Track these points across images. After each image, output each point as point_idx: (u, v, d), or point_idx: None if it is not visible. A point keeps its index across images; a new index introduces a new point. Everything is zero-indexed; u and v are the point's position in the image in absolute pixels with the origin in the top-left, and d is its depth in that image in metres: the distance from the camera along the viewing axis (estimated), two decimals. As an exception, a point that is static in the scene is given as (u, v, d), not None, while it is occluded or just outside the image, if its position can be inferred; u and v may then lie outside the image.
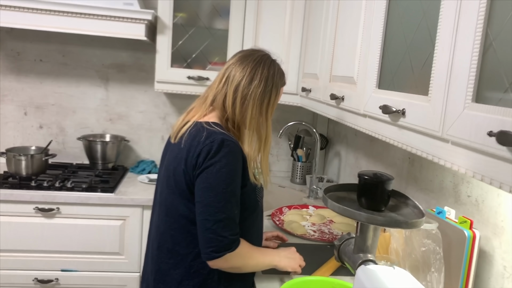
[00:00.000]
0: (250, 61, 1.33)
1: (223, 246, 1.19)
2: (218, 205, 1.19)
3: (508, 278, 1.16)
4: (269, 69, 1.33)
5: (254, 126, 1.31)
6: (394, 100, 1.12)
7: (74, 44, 2.58)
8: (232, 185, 1.21)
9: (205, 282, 1.28)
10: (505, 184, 0.74)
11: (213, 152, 1.20)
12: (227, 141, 1.22)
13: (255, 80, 1.30)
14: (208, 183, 1.20)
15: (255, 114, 1.30)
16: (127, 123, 2.71)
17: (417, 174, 1.66)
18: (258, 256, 1.31)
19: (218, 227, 1.18)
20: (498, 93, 0.77)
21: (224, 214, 1.19)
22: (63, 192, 2.14)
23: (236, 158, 1.23)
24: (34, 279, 2.15)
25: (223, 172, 1.20)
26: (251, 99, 1.30)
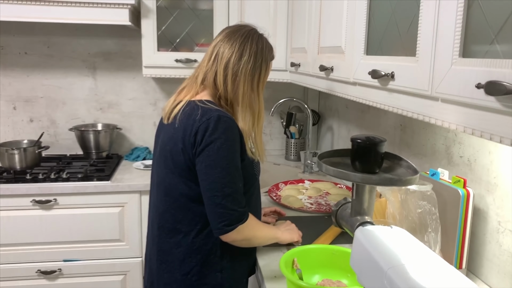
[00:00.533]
0: (238, 36, 1.33)
1: (234, 219, 1.21)
2: (224, 180, 1.20)
3: (503, 232, 1.19)
4: (257, 43, 1.33)
5: (247, 102, 1.31)
6: (382, 64, 1.12)
7: (58, 34, 2.55)
8: (234, 160, 1.23)
9: (208, 258, 1.30)
10: (495, 135, 0.75)
11: (211, 129, 1.21)
12: (223, 117, 1.23)
13: (245, 55, 1.30)
14: (211, 161, 1.21)
15: (247, 90, 1.31)
16: (118, 111, 2.70)
17: (409, 140, 1.67)
18: (264, 229, 1.34)
19: (227, 202, 1.20)
20: (484, 45, 0.78)
21: (231, 188, 1.21)
22: (59, 183, 2.14)
23: (234, 133, 1.24)
24: (37, 271, 2.16)
25: (224, 148, 1.21)
26: (242, 75, 1.30)
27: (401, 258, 0.76)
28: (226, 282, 1.31)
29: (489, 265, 1.24)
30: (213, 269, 1.30)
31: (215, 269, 1.30)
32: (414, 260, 0.76)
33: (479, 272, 1.28)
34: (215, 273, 1.31)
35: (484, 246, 1.26)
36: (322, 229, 1.57)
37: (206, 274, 1.30)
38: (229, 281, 1.32)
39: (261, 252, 1.45)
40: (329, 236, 1.49)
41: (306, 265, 1.24)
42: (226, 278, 1.32)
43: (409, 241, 0.84)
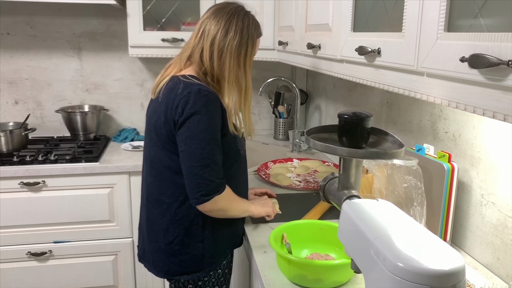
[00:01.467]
0: (224, 13, 1.34)
1: (211, 189, 1.24)
2: (202, 151, 1.23)
3: (486, 205, 1.22)
4: (243, 20, 1.34)
5: (233, 78, 1.33)
6: (369, 40, 1.13)
7: (41, 14, 2.50)
8: (213, 133, 1.25)
9: (190, 229, 1.34)
10: (479, 107, 0.77)
11: (192, 102, 1.23)
12: (204, 91, 1.25)
13: (230, 32, 1.31)
14: (191, 132, 1.23)
15: (233, 66, 1.32)
16: (105, 92, 2.67)
17: (395, 117, 1.69)
18: (239, 202, 1.37)
19: (205, 172, 1.23)
20: (468, 20, 0.79)
21: (209, 159, 1.24)
22: (47, 165, 2.13)
23: (215, 107, 1.26)
24: (27, 253, 2.17)
25: (204, 121, 1.23)
26: (228, 51, 1.31)
27: (387, 229, 0.79)
28: (208, 253, 1.35)
29: (472, 236, 1.28)
30: (194, 239, 1.34)
31: (197, 240, 1.34)
32: (400, 231, 0.78)
33: (463, 244, 1.32)
34: (196, 243, 1.34)
35: (468, 218, 1.30)
36: (310, 206, 1.59)
37: (188, 244, 1.34)
38: (210, 251, 1.35)
39: (250, 227, 1.47)
40: (318, 211, 1.52)
41: (295, 240, 1.26)
42: (208, 249, 1.35)
43: (395, 213, 0.87)
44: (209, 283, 1.39)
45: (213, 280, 1.40)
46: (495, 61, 0.68)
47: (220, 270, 1.41)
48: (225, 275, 1.44)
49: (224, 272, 1.43)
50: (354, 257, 0.84)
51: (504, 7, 0.71)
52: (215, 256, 1.37)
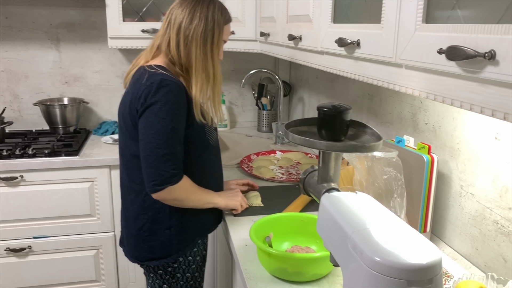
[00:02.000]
0: (190, 1, 1.34)
1: (164, 180, 1.25)
2: (159, 141, 1.24)
3: (465, 196, 1.23)
4: (208, 7, 1.33)
5: (200, 66, 1.32)
6: (349, 32, 1.12)
7: (16, 4, 2.43)
8: (173, 123, 1.25)
9: (157, 216, 1.36)
10: (456, 100, 0.76)
11: (153, 92, 1.24)
12: (166, 80, 1.25)
13: (195, 19, 1.31)
14: (149, 122, 1.25)
15: (199, 54, 1.32)
16: (84, 84, 2.62)
17: (376, 108, 1.69)
18: (200, 193, 1.37)
19: (159, 162, 1.24)
20: (446, 11, 0.78)
21: (165, 150, 1.24)
22: (25, 159, 2.08)
23: (177, 97, 1.27)
24: (6, 249, 2.13)
25: (163, 111, 1.24)
26: (194, 39, 1.31)
27: (365, 223, 0.78)
28: (175, 239, 1.37)
29: (452, 227, 1.29)
30: (162, 226, 1.36)
31: (164, 227, 1.36)
32: (378, 224, 0.78)
33: (443, 235, 1.33)
34: (164, 230, 1.36)
35: (448, 209, 1.31)
36: (293, 198, 1.59)
37: (156, 230, 1.37)
38: (178, 238, 1.37)
39: (232, 220, 1.47)
40: (299, 204, 1.51)
41: (276, 233, 1.26)
42: (175, 236, 1.37)
43: (374, 206, 0.86)
44: (179, 270, 1.41)
45: (184, 267, 1.41)
46: (471, 53, 0.68)
47: (190, 257, 1.42)
48: (197, 262, 1.45)
49: (195, 259, 1.44)
50: (332, 250, 0.84)
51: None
52: (182, 243, 1.38)
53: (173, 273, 1.41)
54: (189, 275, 1.44)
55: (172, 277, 1.42)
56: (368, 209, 0.84)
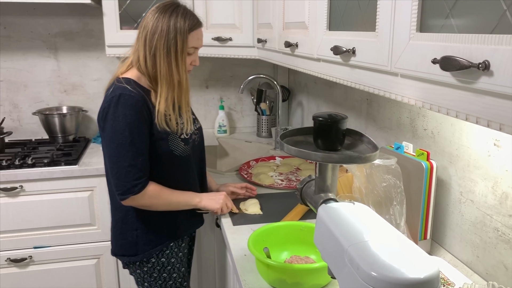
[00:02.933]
0: (155, 13, 1.37)
1: (126, 190, 1.34)
2: (119, 154, 1.32)
3: (465, 203, 1.22)
4: (170, 16, 1.35)
5: (165, 76, 1.36)
6: (344, 40, 1.11)
7: (15, 14, 2.43)
8: (131, 136, 1.32)
9: (125, 217, 1.47)
10: (452, 109, 0.75)
11: (112, 107, 1.31)
12: (124, 95, 1.31)
13: (158, 30, 1.34)
14: (109, 137, 1.33)
15: (163, 64, 1.35)
16: (83, 92, 2.62)
17: (375, 113, 1.68)
18: (170, 197, 1.43)
19: (121, 174, 1.33)
20: (440, 20, 0.77)
21: (126, 162, 1.32)
22: (25, 169, 2.08)
23: (134, 110, 1.32)
24: (6, 259, 2.12)
25: (120, 126, 1.31)
26: (157, 50, 1.35)
27: (362, 235, 0.77)
28: (141, 240, 1.46)
29: (452, 234, 1.28)
30: (129, 227, 1.46)
31: (131, 228, 1.46)
32: (375, 237, 0.77)
33: (443, 242, 1.32)
34: (131, 231, 1.46)
35: (447, 216, 1.29)
36: (292, 205, 1.58)
37: (125, 230, 1.47)
38: (143, 239, 1.46)
39: (230, 229, 1.46)
40: (298, 212, 1.51)
41: (275, 242, 1.25)
42: (141, 237, 1.46)
43: (371, 218, 0.85)
44: (154, 270, 1.49)
45: (159, 268, 1.49)
46: (465, 64, 0.67)
47: (164, 259, 1.49)
48: (172, 264, 1.51)
49: (169, 261, 1.50)
50: (329, 263, 0.83)
51: (474, 8, 0.70)
52: (149, 244, 1.46)
53: (150, 272, 1.49)
54: (166, 275, 1.51)
55: (149, 276, 1.50)
56: (365, 220, 0.83)
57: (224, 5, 2.17)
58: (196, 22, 1.41)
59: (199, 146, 1.58)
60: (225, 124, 2.74)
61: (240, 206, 1.61)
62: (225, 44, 2.23)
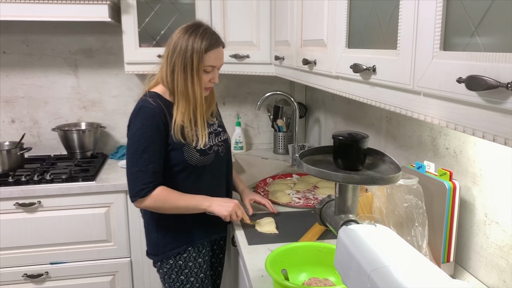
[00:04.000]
0: (178, 32, 1.50)
1: (136, 193, 1.46)
2: (133, 160, 1.46)
3: (490, 224, 1.18)
4: (189, 36, 1.46)
5: (182, 91, 1.47)
6: (364, 58, 1.10)
7: (37, 32, 2.49)
8: (145, 144, 1.44)
9: (149, 220, 1.60)
10: (478, 130, 0.73)
11: (134, 117, 1.47)
12: (144, 107, 1.46)
13: (177, 49, 1.46)
14: (128, 143, 1.48)
15: (180, 80, 1.46)
16: (102, 109, 2.65)
17: (395, 131, 1.65)
18: (178, 201, 1.50)
19: (132, 178, 1.46)
20: (464, 38, 0.75)
21: (137, 167, 1.45)
22: (43, 185, 2.09)
23: (153, 122, 1.45)
24: (23, 275, 2.13)
25: (137, 134, 1.45)
26: (176, 67, 1.46)
27: (385, 260, 0.74)
28: (161, 242, 1.57)
29: (477, 257, 1.23)
30: (152, 229, 1.59)
31: (153, 230, 1.59)
32: (398, 261, 0.74)
33: (467, 265, 1.27)
34: (153, 233, 1.59)
35: (472, 238, 1.25)
36: (309, 224, 1.55)
37: (150, 232, 1.60)
38: (162, 242, 1.57)
39: (246, 249, 1.43)
40: (316, 232, 1.48)
41: (292, 263, 1.22)
42: (161, 239, 1.57)
43: (393, 240, 0.82)
44: (172, 271, 1.58)
45: (176, 270, 1.58)
46: (493, 84, 0.65)
47: (181, 261, 1.57)
48: (190, 267, 1.58)
49: (187, 264, 1.58)
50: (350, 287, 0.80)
51: (501, 26, 0.68)
52: (167, 247, 1.57)
53: (169, 273, 1.59)
54: (183, 278, 1.58)
55: (168, 277, 1.59)
56: (388, 244, 0.81)
57: (242, 22, 2.18)
58: (214, 43, 1.48)
59: (225, 156, 1.65)
60: (242, 140, 2.74)
61: (255, 226, 1.58)
62: (243, 61, 2.24)
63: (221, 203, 1.54)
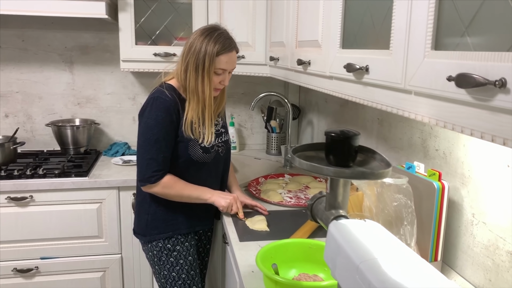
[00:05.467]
0: (195, 33, 1.57)
1: (145, 179, 1.55)
2: (145, 147, 1.53)
3: (477, 225, 1.20)
4: (204, 39, 1.53)
5: (192, 89, 1.55)
6: (357, 58, 1.12)
7: (33, 27, 2.49)
8: (157, 134, 1.52)
9: (142, 202, 1.68)
10: (466, 128, 0.75)
11: (148, 107, 1.54)
12: (160, 98, 1.53)
13: (192, 49, 1.54)
14: (140, 131, 1.55)
15: (192, 79, 1.54)
16: (96, 106, 2.65)
17: (386, 133, 1.68)
18: (183, 190, 1.60)
19: (143, 164, 1.54)
20: (455, 38, 0.77)
21: (149, 155, 1.53)
22: (35, 179, 2.09)
23: (165, 112, 1.52)
24: (13, 269, 2.12)
25: (151, 124, 1.52)
26: (189, 66, 1.54)
27: (374, 252, 0.76)
28: (150, 224, 1.66)
29: (464, 256, 1.26)
30: (144, 211, 1.68)
31: (145, 211, 1.67)
32: (387, 254, 0.76)
33: (454, 264, 1.30)
34: (144, 214, 1.67)
35: (459, 238, 1.27)
36: (300, 223, 1.56)
37: (141, 213, 1.69)
38: (152, 224, 1.66)
39: (237, 245, 1.45)
40: (307, 230, 1.49)
41: (283, 260, 1.23)
42: (150, 221, 1.66)
43: (382, 235, 0.84)
44: (162, 254, 1.66)
45: (166, 252, 1.66)
46: (482, 81, 0.67)
47: (169, 245, 1.65)
48: (178, 251, 1.66)
49: (175, 248, 1.66)
50: (340, 280, 0.82)
51: (491, 26, 0.70)
52: (155, 230, 1.65)
53: (158, 256, 1.67)
54: (173, 260, 1.66)
55: (158, 259, 1.67)
56: (377, 238, 0.82)
57: (238, 23, 2.20)
58: (227, 47, 1.55)
59: (224, 157, 1.74)
60: (235, 140, 2.75)
61: (246, 222, 1.60)
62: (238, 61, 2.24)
63: (221, 196, 1.65)
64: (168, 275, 1.67)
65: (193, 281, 1.70)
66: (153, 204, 1.65)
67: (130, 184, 2.14)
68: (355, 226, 0.87)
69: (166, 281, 1.68)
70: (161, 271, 1.68)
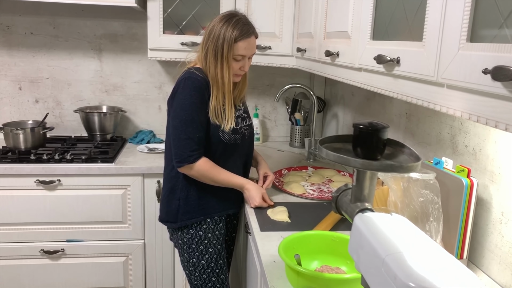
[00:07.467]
0: (215, 19, 1.58)
1: (183, 159, 1.56)
2: (181, 128, 1.54)
3: (506, 223, 1.17)
4: (223, 25, 1.54)
5: (212, 75, 1.56)
6: (388, 49, 1.10)
7: (64, 15, 2.53)
8: (192, 114, 1.54)
9: (173, 187, 1.68)
10: (501, 122, 0.73)
11: (181, 86, 1.55)
12: (191, 78, 1.54)
13: (211, 35, 1.55)
14: (175, 112, 1.56)
15: (212, 65, 1.56)
16: (123, 94, 2.69)
17: (414, 128, 1.65)
18: (219, 175, 1.61)
19: (180, 145, 1.55)
20: (493, 30, 0.75)
21: (185, 135, 1.54)
22: (63, 164, 2.14)
23: (198, 92, 1.54)
24: (40, 250, 2.18)
25: (185, 103, 1.54)
26: (208, 52, 1.56)
27: (400, 246, 0.75)
28: (181, 210, 1.66)
29: (491, 255, 1.23)
30: (175, 197, 1.67)
31: (176, 197, 1.67)
32: (413, 248, 0.75)
33: (480, 263, 1.27)
34: (175, 201, 1.67)
35: (486, 236, 1.25)
36: (321, 216, 1.56)
37: (171, 199, 1.68)
38: (183, 209, 1.66)
39: (260, 235, 1.45)
40: (330, 222, 1.48)
41: (305, 251, 1.23)
42: (182, 207, 1.66)
43: (409, 229, 0.83)
44: (192, 241, 1.67)
45: (196, 240, 1.66)
46: (519, 74, 0.65)
47: (201, 232, 1.67)
48: (209, 239, 1.67)
49: (206, 235, 1.67)
50: (364, 273, 0.81)
51: (531, 18, 0.68)
52: (186, 215, 1.66)
53: (189, 243, 1.67)
54: (203, 248, 1.67)
55: (188, 247, 1.67)
56: (403, 231, 0.81)
57: (266, 13, 2.19)
58: (245, 33, 1.55)
59: (248, 140, 1.76)
60: (259, 132, 2.75)
61: (268, 212, 1.60)
62: (264, 52, 2.25)
63: (255, 188, 1.66)
64: (198, 263, 1.68)
65: (221, 270, 1.71)
66: (185, 189, 1.65)
67: (155, 172, 2.16)
68: (381, 219, 0.86)
69: (195, 269, 1.68)
70: (190, 259, 1.69)
